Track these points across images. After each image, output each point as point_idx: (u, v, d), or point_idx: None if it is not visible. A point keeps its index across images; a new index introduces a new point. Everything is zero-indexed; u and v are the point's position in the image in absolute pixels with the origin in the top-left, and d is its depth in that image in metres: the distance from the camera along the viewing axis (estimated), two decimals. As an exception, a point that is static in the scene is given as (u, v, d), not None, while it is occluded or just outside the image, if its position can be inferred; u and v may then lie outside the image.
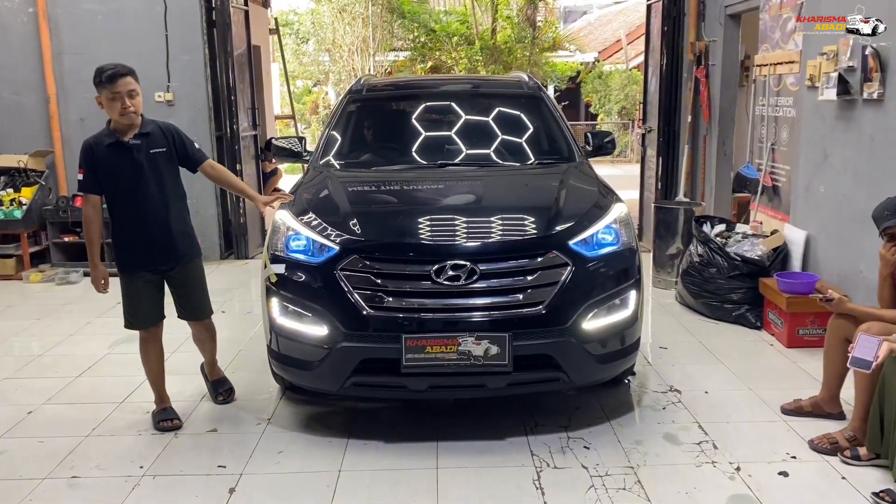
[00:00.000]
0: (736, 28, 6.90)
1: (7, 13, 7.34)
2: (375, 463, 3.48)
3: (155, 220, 3.70)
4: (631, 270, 3.77)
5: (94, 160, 3.63)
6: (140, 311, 3.80)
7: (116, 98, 3.54)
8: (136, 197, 3.66)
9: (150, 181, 3.66)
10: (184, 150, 3.80)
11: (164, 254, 3.76)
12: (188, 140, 3.85)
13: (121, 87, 3.53)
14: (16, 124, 7.48)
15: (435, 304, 3.48)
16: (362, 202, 4.11)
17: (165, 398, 3.96)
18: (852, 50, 4.62)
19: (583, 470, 3.38)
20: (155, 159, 3.68)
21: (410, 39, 18.31)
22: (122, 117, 3.58)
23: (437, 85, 6.02)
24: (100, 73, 3.56)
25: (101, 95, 3.57)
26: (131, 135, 3.64)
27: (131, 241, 3.72)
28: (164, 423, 3.84)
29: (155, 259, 3.75)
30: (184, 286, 3.89)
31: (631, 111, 18.96)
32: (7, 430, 3.88)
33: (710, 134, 7.21)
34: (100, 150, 3.63)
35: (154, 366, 3.92)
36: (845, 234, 4.87)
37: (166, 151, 3.73)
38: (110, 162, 3.62)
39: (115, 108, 3.56)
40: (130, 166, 3.63)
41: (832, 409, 3.77)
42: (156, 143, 3.70)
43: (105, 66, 3.59)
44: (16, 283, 6.97)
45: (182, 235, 3.82)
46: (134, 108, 3.59)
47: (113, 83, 3.53)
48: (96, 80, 3.56)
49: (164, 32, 7.27)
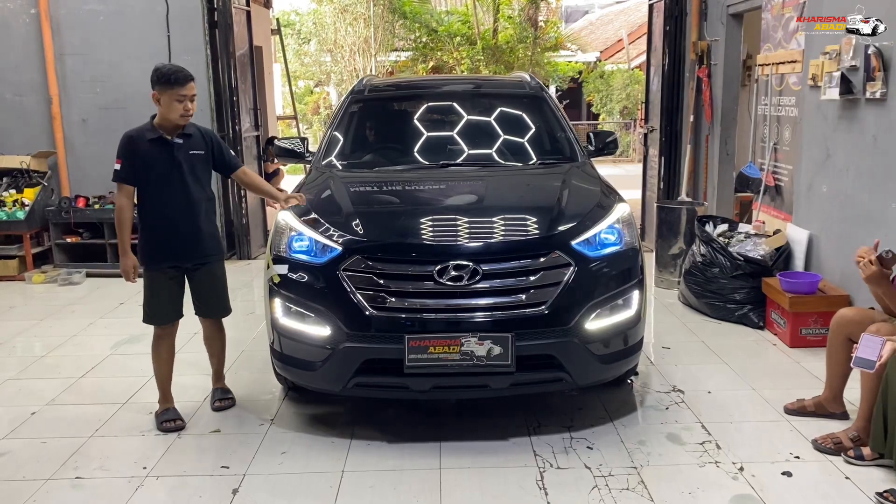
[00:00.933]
0: (738, 27, 6.89)
1: (9, 14, 7.36)
2: (378, 463, 3.48)
3: (185, 216, 3.79)
4: (634, 270, 3.77)
5: (133, 152, 3.71)
6: (159, 308, 3.86)
7: (181, 100, 3.65)
8: (170, 193, 3.75)
9: (185, 179, 3.76)
10: (221, 156, 3.93)
11: (190, 250, 3.84)
12: (226, 147, 4.01)
13: (187, 91, 3.66)
14: (18, 125, 7.50)
15: (438, 304, 3.47)
16: (365, 202, 4.11)
17: (170, 398, 3.97)
18: (855, 49, 4.61)
19: (586, 470, 3.38)
20: (192, 160, 3.79)
21: (412, 40, 18.31)
22: (182, 119, 3.70)
23: (438, 85, 6.02)
24: (168, 74, 3.64)
25: (165, 94, 3.65)
26: (175, 134, 3.75)
27: (159, 235, 3.79)
28: (167, 423, 3.85)
29: (180, 254, 3.82)
30: (206, 284, 3.95)
31: (633, 111, 18.96)
32: (10, 431, 3.89)
33: (712, 133, 7.20)
34: (141, 143, 3.72)
35: (164, 364, 3.95)
36: (848, 234, 4.86)
37: (204, 154, 3.85)
38: (150, 156, 3.72)
39: (176, 109, 3.66)
40: (169, 163, 3.73)
41: (835, 409, 3.77)
42: (196, 146, 3.81)
43: (168, 66, 3.70)
44: (19, 284, 6.98)
45: (209, 235, 3.91)
46: (192, 112, 3.72)
47: (182, 86, 3.64)
48: (163, 80, 3.64)
49: (166, 33, 7.28)
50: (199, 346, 4.21)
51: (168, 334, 3.93)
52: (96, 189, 7.42)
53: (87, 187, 7.48)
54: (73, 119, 7.49)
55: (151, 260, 3.81)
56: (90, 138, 7.53)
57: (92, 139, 7.53)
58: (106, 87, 7.44)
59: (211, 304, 4.00)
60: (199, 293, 3.96)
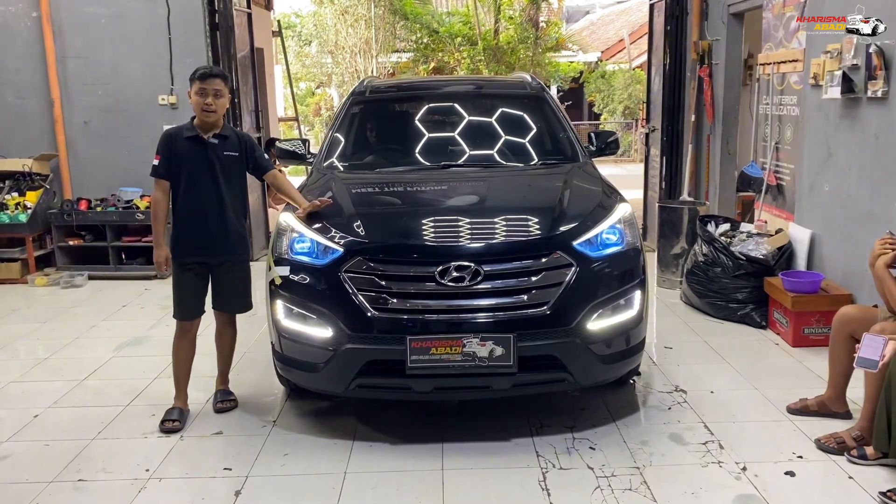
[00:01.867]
0: (739, 27, 6.89)
1: (11, 17, 7.37)
2: (381, 464, 3.48)
3: (215, 214, 3.88)
4: (635, 270, 3.76)
5: (171, 149, 3.83)
6: (186, 302, 3.94)
7: (202, 94, 3.77)
8: (203, 190, 3.85)
9: (218, 178, 3.86)
10: (254, 159, 4.03)
11: (219, 247, 3.92)
12: (259, 151, 4.11)
13: (208, 84, 3.77)
14: (20, 128, 7.51)
15: (439, 305, 3.47)
16: (366, 204, 4.11)
17: (182, 396, 4.04)
18: (856, 48, 4.60)
19: (588, 470, 3.38)
20: (226, 161, 3.90)
21: (413, 41, 18.32)
22: (203, 113, 3.81)
23: (440, 86, 6.02)
24: (196, 70, 3.85)
25: (191, 89, 3.81)
26: (211, 134, 3.86)
27: (189, 230, 3.89)
28: (166, 423, 3.88)
29: (209, 250, 3.90)
30: (229, 279, 4.01)
31: (634, 111, 18.95)
32: (13, 434, 3.89)
33: (713, 133, 7.20)
34: (179, 141, 3.84)
35: (182, 360, 4.02)
36: (850, 233, 4.85)
37: (238, 157, 3.95)
38: (186, 154, 3.83)
39: (197, 103, 3.79)
40: (204, 162, 3.84)
41: (838, 409, 3.76)
42: (231, 147, 3.92)
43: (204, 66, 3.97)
44: (21, 287, 6.98)
45: (237, 234, 3.99)
46: (215, 108, 3.80)
47: (204, 80, 3.78)
48: (191, 76, 3.83)
49: (168, 35, 7.29)
50: (203, 348, 4.20)
51: (189, 330, 3.98)
52: (98, 191, 7.43)
53: (89, 190, 7.49)
54: (74, 122, 7.49)
55: (179, 253, 3.91)
56: (92, 141, 7.54)
57: (94, 142, 7.54)
58: (108, 89, 7.45)
59: (231, 298, 4.05)
60: (221, 287, 4.01)
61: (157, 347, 5.13)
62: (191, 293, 3.94)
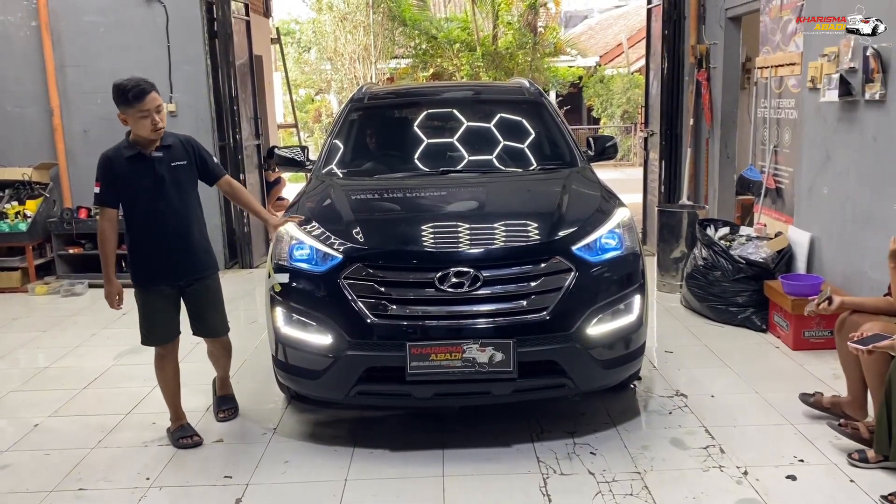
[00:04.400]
0: (736, 30, 6.90)
1: (10, 26, 7.38)
2: (381, 471, 3.47)
3: (175, 233, 3.64)
4: (635, 275, 3.76)
5: (113, 173, 3.56)
6: (156, 328, 3.72)
7: (146, 116, 3.46)
8: (157, 210, 3.59)
9: (171, 194, 3.61)
10: (203, 164, 3.77)
11: (183, 267, 3.70)
12: (208, 154, 3.83)
13: (149, 105, 3.45)
14: (19, 137, 7.52)
15: (439, 311, 3.47)
16: (365, 210, 4.12)
17: (181, 415, 3.88)
18: (853, 51, 4.61)
19: (589, 476, 3.37)
20: (176, 172, 3.63)
21: (412, 47, 18.36)
22: (154, 133, 3.52)
23: (438, 92, 6.03)
24: (123, 91, 3.44)
25: (127, 114, 3.48)
26: (153, 147, 3.59)
27: (149, 255, 3.65)
28: (184, 440, 3.76)
29: (173, 273, 3.68)
30: (201, 302, 3.81)
31: (633, 115, 18.96)
32: (13, 443, 3.89)
33: (712, 137, 7.20)
34: (119, 162, 3.56)
35: (170, 382, 3.84)
36: (849, 235, 4.85)
37: (187, 164, 3.68)
38: (131, 174, 3.56)
39: (144, 126, 3.48)
40: (151, 179, 3.57)
41: (856, 414, 3.67)
42: (177, 156, 3.65)
43: (125, 82, 3.46)
44: (21, 296, 6.99)
45: (201, 250, 3.77)
46: (163, 124, 3.53)
47: (140, 101, 3.43)
48: (120, 99, 3.45)
49: (167, 43, 7.31)
50: (199, 356, 4.20)
51: (169, 352, 3.80)
52: (98, 200, 7.42)
53: (88, 198, 7.46)
54: (74, 130, 7.51)
55: (144, 280, 3.67)
56: (91, 149, 7.51)
57: (93, 150, 7.46)
58: (107, 97, 7.29)
59: (209, 322, 3.87)
60: (196, 311, 3.82)
61: (157, 355, 5.12)
62: (163, 318, 3.70)
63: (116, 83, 3.48)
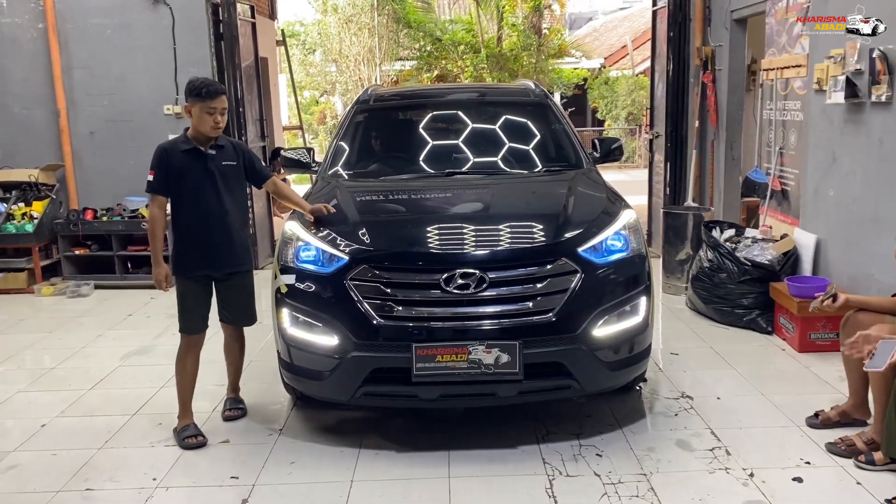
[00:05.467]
0: (742, 32, 6.89)
1: (17, 29, 7.42)
2: (387, 472, 3.48)
3: (218, 226, 3.81)
4: (641, 277, 3.76)
5: (168, 164, 3.75)
6: (189, 315, 3.86)
7: (212, 113, 3.68)
8: (204, 202, 3.78)
9: (219, 189, 3.79)
10: (252, 167, 3.96)
11: (223, 259, 3.86)
12: (256, 158, 4.05)
13: (217, 104, 3.69)
14: (26, 138, 7.55)
15: (445, 312, 3.48)
16: (371, 212, 4.13)
17: (189, 413, 3.92)
18: (860, 53, 4.61)
19: (595, 477, 3.37)
20: (226, 170, 3.83)
21: (416, 49, 18.38)
22: (213, 131, 3.73)
23: (443, 94, 6.04)
24: (200, 87, 3.69)
25: (196, 106, 3.69)
26: (208, 145, 3.79)
27: (192, 244, 3.82)
28: (189, 439, 3.80)
29: (213, 263, 3.84)
30: (234, 293, 3.96)
31: (638, 117, 18.96)
32: (21, 444, 3.90)
33: (717, 138, 7.20)
34: (174, 154, 3.76)
35: (188, 377, 3.91)
36: (855, 237, 4.85)
37: (236, 165, 3.88)
38: (184, 167, 3.75)
39: (206, 122, 3.69)
40: (203, 174, 3.77)
41: (862, 416, 3.67)
42: (228, 157, 3.85)
43: (201, 80, 3.75)
44: (28, 297, 7.01)
45: (240, 246, 3.94)
46: (222, 125, 3.76)
47: (213, 99, 3.67)
48: (194, 92, 3.68)
49: (173, 45, 7.33)
50: (207, 356, 4.19)
51: (195, 345, 3.91)
52: (104, 201, 7.46)
53: (95, 200, 7.51)
54: (80, 132, 7.53)
55: (184, 268, 3.84)
56: (97, 151, 7.58)
57: (99, 152, 7.58)
58: (113, 99, 7.49)
59: (238, 312, 4.02)
60: (227, 301, 3.97)
61: (162, 357, 5.14)
62: (196, 307, 3.86)
63: (193, 78, 3.79)
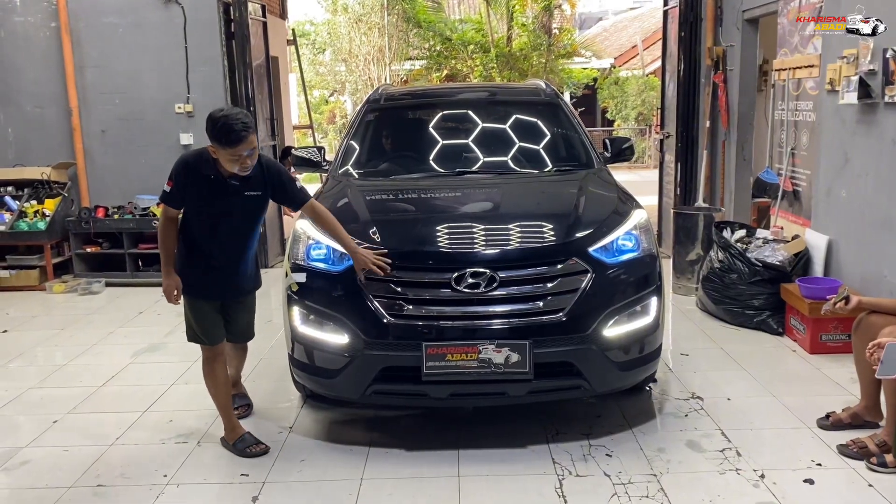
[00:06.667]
0: (754, 32, 6.86)
1: (30, 27, 7.46)
2: (397, 471, 3.48)
3: (229, 257, 3.67)
4: (651, 277, 3.75)
5: (187, 181, 3.48)
6: (207, 329, 3.69)
7: (238, 159, 3.36)
8: (218, 231, 3.59)
9: (235, 222, 3.60)
10: (283, 192, 3.68)
11: (229, 289, 3.75)
12: (289, 180, 3.71)
13: (243, 149, 3.33)
14: (39, 137, 7.59)
15: (455, 311, 3.48)
16: (381, 211, 4.13)
17: (237, 425, 3.79)
18: (873, 53, 4.58)
19: (605, 478, 3.36)
20: (248, 201, 3.58)
21: (426, 48, 18.39)
22: (242, 172, 3.44)
23: (454, 93, 6.04)
24: (220, 134, 3.29)
25: (220, 152, 3.36)
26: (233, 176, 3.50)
27: (200, 269, 3.63)
28: (251, 448, 3.68)
29: (219, 293, 3.72)
30: (238, 314, 3.88)
31: (648, 117, 18.91)
32: (33, 440, 3.92)
33: (728, 139, 7.17)
34: (196, 174, 3.48)
35: (222, 387, 3.75)
36: (868, 239, 4.82)
37: (261, 196, 3.61)
38: (203, 191, 3.49)
39: (233, 166, 3.40)
40: (222, 203, 3.52)
41: (874, 418, 3.66)
42: (253, 187, 3.55)
43: (223, 120, 3.29)
44: (39, 294, 7.05)
45: (249, 274, 3.81)
46: (251, 166, 3.45)
47: (237, 146, 3.31)
48: (216, 138, 3.31)
49: (184, 44, 7.36)
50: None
51: (218, 354, 3.74)
52: (115, 199, 7.50)
53: (106, 198, 7.56)
54: (92, 130, 7.57)
55: (191, 290, 3.67)
56: (109, 149, 7.62)
57: (111, 150, 7.62)
58: (125, 98, 7.53)
59: (240, 331, 3.94)
60: (233, 321, 3.86)
61: (173, 354, 5.16)
62: (209, 321, 3.70)
63: (216, 117, 3.32)
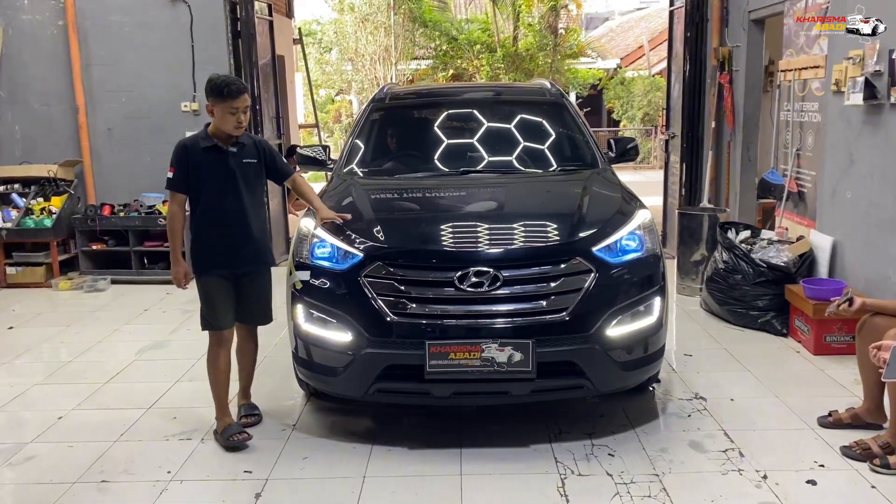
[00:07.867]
0: (759, 33, 6.85)
1: (37, 25, 7.49)
2: (400, 469, 3.49)
3: (238, 224, 3.77)
4: (655, 277, 3.75)
5: (188, 160, 3.70)
6: (216, 311, 3.78)
7: (234, 112, 3.62)
8: (224, 200, 3.74)
9: (240, 188, 3.75)
10: (273, 164, 3.93)
11: (243, 257, 3.80)
12: (277, 155, 4.00)
13: (240, 103, 3.62)
14: (45, 135, 7.63)
15: (458, 310, 3.49)
16: (386, 209, 4.14)
17: (229, 412, 3.87)
18: (879, 54, 4.57)
19: (608, 477, 3.37)
20: (246, 168, 3.78)
21: (432, 48, 18.41)
22: (236, 130, 3.68)
23: (459, 93, 6.04)
24: (221, 86, 3.61)
25: (217, 106, 3.62)
26: (229, 143, 3.74)
27: (212, 242, 3.77)
28: (234, 437, 3.74)
29: (233, 261, 3.78)
30: (253, 290, 3.89)
31: (654, 117, 18.88)
32: (37, 436, 3.94)
33: (734, 139, 7.16)
34: (195, 151, 3.71)
35: (222, 375, 3.83)
36: (873, 240, 4.81)
37: (257, 163, 3.83)
38: (204, 164, 3.70)
39: (229, 121, 3.63)
40: (223, 171, 3.72)
41: (876, 420, 3.65)
42: (249, 154, 3.80)
43: (222, 78, 3.66)
44: (45, 291, 7.08)
45: (261, 243, 3.90)
46: (245, 123, 3.71)
47: (235, 98, 3.60)
48: (215, 91, 3.61)
49: (191, 43, 7.38)
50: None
51: (225, 341, 3.83)
52: (121, 197, 7.53)
53: (112, 195, 7.59)
54: (98, 128, 7.61)
55: (204, 266, 3.78)
56: (115, 147, 7.65)
57: (117, 148, 7.65)
58: (131, 96, 7.56)
59: (255, 310, 3.94)
60: (245, 299, 3.87)
61: (178, 351, 5.18)
62: (222, 302, 3.78)
63: (214, 76, 3.68)
